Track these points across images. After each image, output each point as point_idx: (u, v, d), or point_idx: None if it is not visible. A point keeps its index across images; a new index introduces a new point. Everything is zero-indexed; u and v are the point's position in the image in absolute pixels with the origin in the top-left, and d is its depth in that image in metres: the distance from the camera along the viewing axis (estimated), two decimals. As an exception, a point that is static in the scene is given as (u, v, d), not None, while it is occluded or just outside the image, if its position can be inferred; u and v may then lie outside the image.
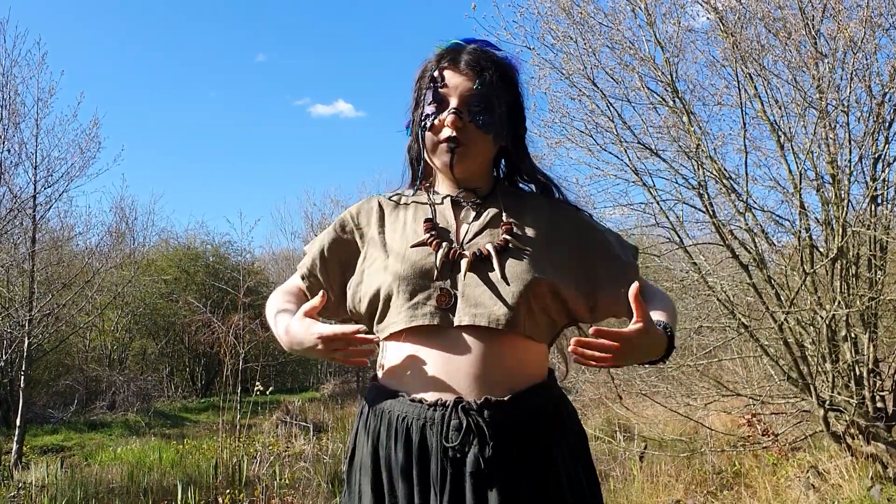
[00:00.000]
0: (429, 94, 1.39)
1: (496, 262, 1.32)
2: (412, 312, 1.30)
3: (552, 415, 1.33)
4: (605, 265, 1.43)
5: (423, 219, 1.41)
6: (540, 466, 1.27)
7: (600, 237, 1.46)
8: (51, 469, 6.50)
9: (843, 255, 4.54)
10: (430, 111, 1.38)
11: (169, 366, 17.34)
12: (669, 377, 6.04)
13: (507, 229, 1.37)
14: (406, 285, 1.32)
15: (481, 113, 1.37)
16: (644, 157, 5.23)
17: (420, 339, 1.31)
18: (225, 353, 8.69)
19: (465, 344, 1.29)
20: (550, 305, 1.35)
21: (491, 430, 1.24)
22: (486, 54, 1.41)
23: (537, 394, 1.32)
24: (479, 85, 1.37)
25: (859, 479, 4.34)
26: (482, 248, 1.34)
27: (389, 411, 1.31)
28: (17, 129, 8.17)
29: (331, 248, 1.47)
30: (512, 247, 1.35)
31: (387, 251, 1.40)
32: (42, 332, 9.08)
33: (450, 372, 1.28)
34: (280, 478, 5.78)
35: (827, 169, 4.65)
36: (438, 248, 1.34)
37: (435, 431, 1.25)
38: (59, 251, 10.63)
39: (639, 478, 5.22)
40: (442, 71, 1.39)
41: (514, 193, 1.49)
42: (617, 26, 5.09)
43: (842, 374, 4.76)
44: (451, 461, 1.24)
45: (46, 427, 10.82)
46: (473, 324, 1.28)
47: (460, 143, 1.37)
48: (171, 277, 17.40)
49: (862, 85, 4.51)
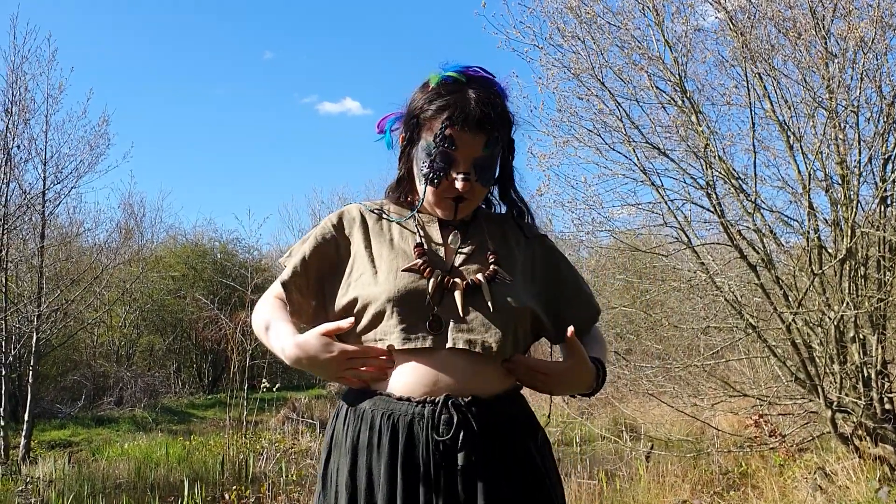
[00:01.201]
0: (440, 154, 1.39)
1: (487, 293, 1.38)
2: (405, 335, 1.34)
3: (527, 416, 1.43)
4: (571, 297, 1.54)
5: (410, 238, 1.45)
6: (523, 462, 1.35)
7: (567, 268, 1.57)
8: (58, 464, 6.54)
9: (851, 256, 4.52)
10: (438, 168, 1.40)
11: (176, 362, 17.41)
12: (676, 377, 6.03)
13: (494, 259, 1.43)
14: (399, 307, 1.35)
15: (485, 171, 1.42)
16: (652, 157, 5.23)
17: (409, 356, 1.35)
18: (232, 350, 8.72)
19: (453, 363, 1.33)
20: (529, 330, 1.44)
21: (480, 425, 1.29)
22: (491, 105, 1.40)
23: (514, 398, 1.41)
24: (487, 147, 1.40)
25: (867, 481, 4.33)
26: (474, 279, 1.39)
27: (372, 410, 1.33)
28: (27, 126, 8.24)
29: (312, 256, 1.47)
30: (499, 278, 1.41)
31: (375, 266, 1.42)
32: (50, 328, 9.14)
33: (438, 381, 1.33)
34: (286, 474, 5.80)
35: (836, 169, 4.63)
36: (431, 276, 1.37)
37: (424, 426, 1.28)
38: (68, 247, 10.67)
39: (645, 478, 5.22)
40: (454, 133, 1.38)
41: (492, 219, 1.55)
42: (625, 26, 5.08)
43: (850, 376, 4.74)
44: (443, 455, 1.27)
45: (54, 422, 10.89)
46: (467, 349, 1.34)
47: (465, 199, 1.42)
48: (179, 274, 17.46)
49: (872, 85, 4.49)
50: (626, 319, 7.05)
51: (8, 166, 7.92)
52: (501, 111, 1.42)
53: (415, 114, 1.44)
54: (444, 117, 1.38)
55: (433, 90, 1.42)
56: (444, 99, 1.40)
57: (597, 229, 5.80)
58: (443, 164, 1.39)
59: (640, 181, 5.22)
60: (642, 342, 6.86)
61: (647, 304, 6.27)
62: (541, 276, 1.50)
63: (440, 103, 1.39)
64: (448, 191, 1.41)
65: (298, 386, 15.97)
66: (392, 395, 1.33)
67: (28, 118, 8.21)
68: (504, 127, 1.44)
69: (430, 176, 1.41)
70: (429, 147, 1.40)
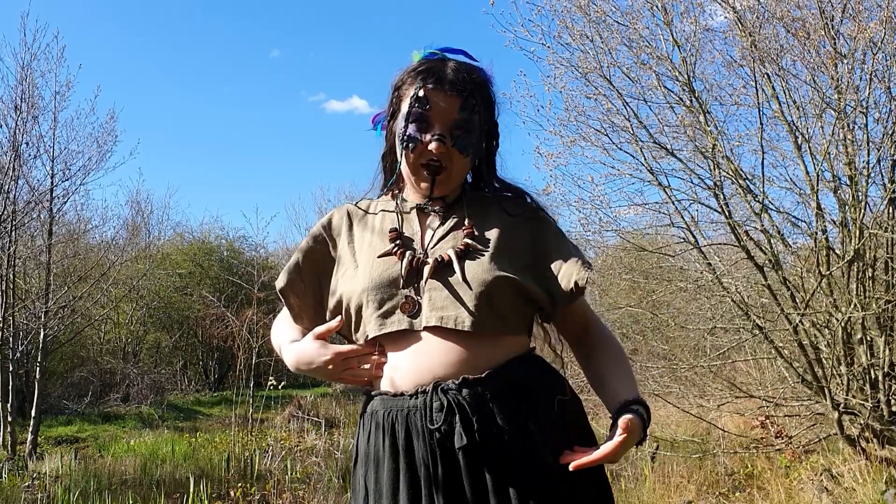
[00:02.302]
0: (413, 114, 1.39)
1: (457, 266, 1.35)
2: (381, 321, 1.35)
3: (532, 386, 1.34)
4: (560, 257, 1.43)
5: (388, 226, 1.45)
6: (522, 438, 1.29)
7: (555, 231, 1.48)
8: (65, 460, 6.56)
9: (859, 257, 4.50)
10: (413, 132, 1.39)
11: (182, 359, 17.47)
12: (682, 378, 6.02)
13: (467, 233, 1.40)
14: (374, 295, 1.35)
15: (462, 137, 1.40)
16: (660, 157, 5.21)
17: (392, 344, 1.36)
18: (238, 348, 8.75)
19: (436, 342, 1.32)
20: (514, 300, 1.36)
21: (472, 405, 1.27)
22: (469, 74, 1.42)
23: (514, 367, 1.33)
24: (462, 110, 1.39)
25: (873, 483, 4.31)
26: (444, 254, 1.37)
27: (376, 411, 1.36)
28: (36, 123, 8.26)
29: (305, 260, 1.49)
30: (471, 250, 1.38)
31: (356, 261, 1.44)
32: (58, 325, 9.17)
33: (424, 365, 1.32)
34: (292, 472, 5.81)
35: (844, 170, 4.61)
36: (403, 257, 1.37)
37: (419, 417, 1.29)
38: (76, 244, 10.72)
39: (650, 478, 5.21)
40: (427, 92, 1.39)
41: (478, 198, 1.51)
42: (634, 25, 5.07)
43: (857, 377, 4.72)
44: (439, 442, 1.27)
45: (61, 418, 10.93)
46: (440, 325, 1.32)
47: (442, 167, 1.40)
48: (186, 271, 17.52)
49: (881, 86, 4.47)
50: (632, 320, 7.04)
51: (17, 163, 7.94)
52: (480, 82, 1.43)
53: (395, 86, 1.46)
54: (419, 79, 1.40)
55: (414, 65, 1.45)
56: (421, 66, 1.42)
57: (603, 229, 5.78)
58: (417, 125, 1.39)
59: (648, 181, 5.21)
60: (648, 342, 6.85)
61: (654, 304, 6.26)
62: (529, 248, 1.43)
63: (418, 69, 1.42)
64: (423, 155, 1.40)
65: (304, 384, 16.00)
66: (389, 391, 1.35)
67: (37, 115, 8.24)
68: (482, 96, 1.43)
69: (404, 139, 1.40)
70: (406, 113, 1.41)
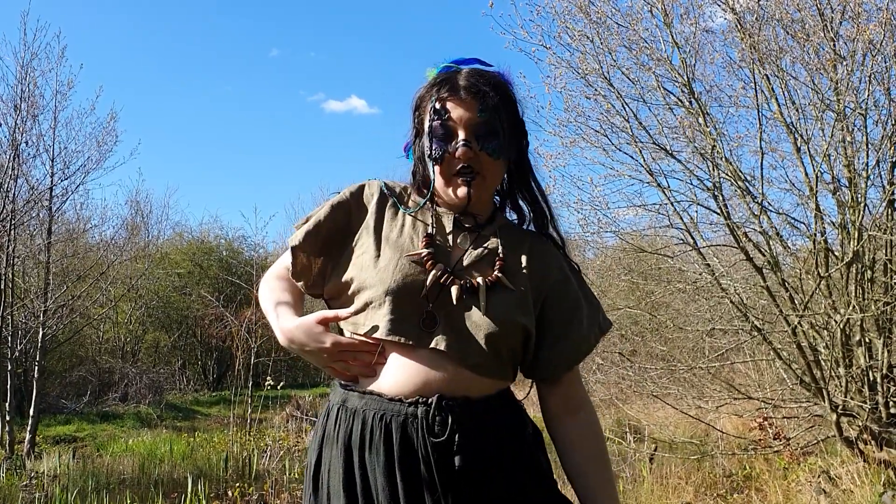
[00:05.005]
0: (434, 127, 1.37)
1: (483, 299, 1.32)
2: (394, 326, 1.30)
3: (518, 414, 1.39)
4: (567, 329, 1.42)
5: (421, 229, 1.40)
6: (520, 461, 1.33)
7: (575, 295, 1.45)
8: (63, 459, 6.55)
9: (858, 259, 4.50)
10: (438, 145, 1.37)
11: (181, 359, 17.46)
12: (681, 379, 6.02)
13: (500, 266, 1.37)
14: (396, 300, 1.31)
15: (489, 139, 1.36)
16: (659, 158, 5.22)
17: (395, 347, 1.32)
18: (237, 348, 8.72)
19: (441, 362, 1.30)
20: (518, 348, 1.37)
21: (475, 425, 1.27)
22: (482, 77, 1.39)
23: (505, 399, 1.37)
24: (482, 112, 1.35)
25: (871, 485, 4.31)
26: (473, 281, 1.34)
27: (364, 410, 1.31)
28: (36, 122, 8.23)
29: (325, 223, 1.44)
30: (500, 286, 1.35)
31: (379, 250, 1.38)
32: (56, 324, 9.16)
33: (423, 379, 1.29)
34: (290, 472, 5.80)
35: (843, 172, 4.61)
36: (432, 269, 1.33)
37: (418, 427, 1.26)
38: (75, 243, 10.70)
39: (648, 479, 5.21)
40: (443, 102, 1.37)
41: (510, 227, 1.48)
42: (634, 26, 5.07)
43: (855, 379, 4.72)
44: (440, 456, 1.25)
45: (59, 417, 10.93)
46: (447, 352, 1.30)
47: (475, 173, 1.37)
48: (185, 271, 17.53)
49: (881, 88, 4.47)
50: (631, 321, 7.04)
51: (16, 162, 7.93)
52: (496, 83, 1.40)
53: (415, 107, 1.44)
54: (434, 91, 1.39)
55: (429, 81, 1.43)
56: (436, 80, 1.41)
57: (602, 230, 5.79)
58: (441, 136, 1.36)
59: (647, 182, 5.21)
60: (647, 343, 6.85)
61: (653, 305, 6.26)
62: (546, 298, 1.41)
63: (432, 84, 1.40)
64: (453, 165, 1.37)
65: (303, 384, 16.01)
66: (383, 394, 1.30)
67: (36, 114, 8.21)
68: (501, 96, 1.39)
69: (431, 152, 1.38)
70: (428, 128, 1.39)
